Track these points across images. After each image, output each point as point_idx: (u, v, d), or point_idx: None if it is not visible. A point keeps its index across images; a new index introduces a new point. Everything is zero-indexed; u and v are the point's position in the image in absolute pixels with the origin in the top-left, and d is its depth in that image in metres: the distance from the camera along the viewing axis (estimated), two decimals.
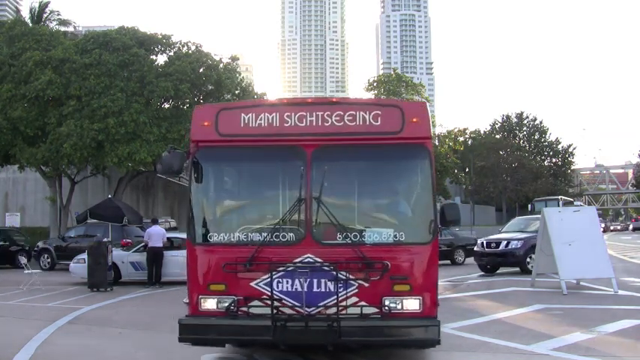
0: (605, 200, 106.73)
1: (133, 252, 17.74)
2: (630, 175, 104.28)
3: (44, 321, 10.67)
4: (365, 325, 6.35)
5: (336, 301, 6.33)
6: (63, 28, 36.15)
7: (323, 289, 6.43)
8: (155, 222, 18.57)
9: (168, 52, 28.57)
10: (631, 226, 78.84)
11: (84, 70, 25.59)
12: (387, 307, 6.39)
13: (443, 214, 6.93)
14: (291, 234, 6.66)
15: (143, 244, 17.66)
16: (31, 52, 26.01)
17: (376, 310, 6.40)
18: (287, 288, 6.45)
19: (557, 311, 11.20)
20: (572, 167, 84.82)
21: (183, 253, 17.07)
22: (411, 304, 6.46)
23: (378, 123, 6.76)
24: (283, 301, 6.41)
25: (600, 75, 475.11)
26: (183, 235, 19.08)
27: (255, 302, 6.47)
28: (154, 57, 28.04)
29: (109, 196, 23.27)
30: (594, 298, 13.01)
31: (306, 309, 6.37)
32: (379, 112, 6.81)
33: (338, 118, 6.79)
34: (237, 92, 28.79)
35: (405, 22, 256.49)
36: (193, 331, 6.59)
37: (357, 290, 6.44)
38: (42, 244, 24.59)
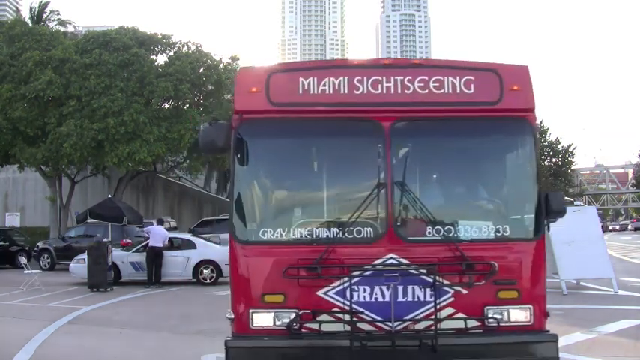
0: (605, 200, 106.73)
1: (133, 252, 17.77)
2: (630, 175, 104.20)
3: (44, 321, 10.67)
4: (469, 342, 5.13)
5: (429, 312, 5.13)
6: (63, 28, 36.14)
7: (410, 298, 5.18)
8: (160, 222, 18.63)
9: (168, 52, 28.56)
10: (630, 226, 79.02)
11: (84, 70, 25.59)
12: (491, 319, 5.19)
13: (548, 204, 5.58)
14: (368, 229, 5.36)
15: (142, 244, 17.69)
16: (31, 52, 26.00)
17: (477, 322, 5.20)
18: (365, 297, 5.18)
19: (558, 311, 11.19)
20: (572, 167, 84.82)
21: (184, 253, 17.55)
22: (519, 315, 5.27)
23: (471, 91, 5.54)
24: (361, 315, 5.14)
25: (600, 75, 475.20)
26: (183, 235, 19.33)
27: (324, 316, 5.17)
28: (154, 57, 28.02)
29: (109, 196, 23.28)
30: (594, 298, 13.02)
31: (390, 324, 5.10)
32: (472, 78, 5.57)
33: (422, 85, 5.53)
34: None
35: (405, 22, 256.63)
36: (247, 356, 5.21)
37: (452, 298, 5.22)
38: (42, 244, 24.60)
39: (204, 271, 17.30)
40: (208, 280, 17.11)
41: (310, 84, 5.52)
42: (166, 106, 27.93)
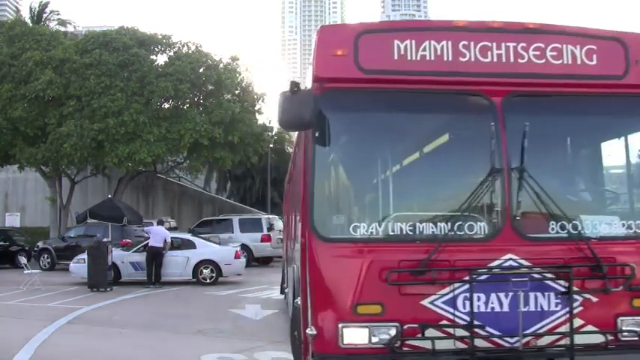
0: None
1: (133, 252, 17.77)
2: None
3: (44, 321, 10.67)
4: None
5: (555, 325, 4.38)
6: (63, 28, 36.13)
7: (533, 308, 4.36)
8: (161, 222, 18.65)
9: (168, 52, 28.53)
10: None
11: (84, 70, 25.58)
12: (628, 332, 4.42)
13: None
14: (482, 224, 4.53)
15: (142, 244, 17.71)
16: (31, 52, 25.99)
17: (610, 336, 4.42)
18: (479, 307, 4.34)
19: None
20: None
21: (183, 253, 17.56)
22: None
23: (593, 62, 4.75)
24: (478, 329, 4.33)
25: None
26: (183, 235, 19.32)
27: (430, 331, 4.32)
28: (154, 57, 27.99)
29: (109, 196, 23.28)
30: None
31: (509, 339, 4.31)
32: (594, 47, 4.78)
33: (537, 53, 4.72)
34: (237, 92, 28.78)
35: None
36: None
37: (581, 308, 4.44)
38: (42, 244, 24.59)
39: (204, 271, 17.30)
40: (208, 280, 17.11)
41: (407, 48, 4.60)
42: (166, 106, 27.92)
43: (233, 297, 14.42)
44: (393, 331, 4.28)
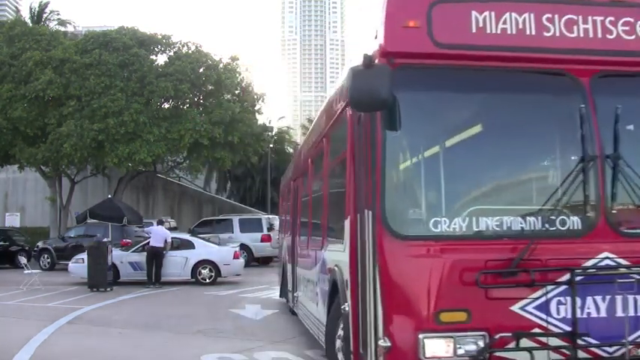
0: None
1: (132, 252, 17.76)
2: None
3: (44, 321, 10.67)
4: None
5: None
6: (63, 28, 36.14)
7: (633, 313, 3.89)
8: (161, 223, 18.64)
9: (168, 52, 28.56)
10: None
11: (84, 70, 25.59)
12: None
13: None
14: (574, 219, 4.07)
15: (142, 244, 17.71)
16: (31, 52, 26.01)
17: None
18: (579, 313, 3.89)
19: None
20: None
21: (182, 253, 17.54)
22: None
23: None
24: (579, 338, 3.88)
25: None
26: (182, 236, 19.31)
27: (524, 341, 3.85)
28: (153, 57, 28.02)
29: (109, 196, 23.29)
30: None
31: (608, 349, 3.87)
32: None
33: (627, 29, 4.25)
34: (237, 92, 28.79)
35: None
36: None
37: None
38: (42, 244, 24.59)
39: (203, 271, 17.27)
40: (207, 280, 17.12)
41: (487, 20, 4.16)
42: (166, 106, 27.94)
43: (233, 297, 14.42)
44: (480, 342, 3.79)
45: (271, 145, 39.51)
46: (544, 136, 4.45)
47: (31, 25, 32.17)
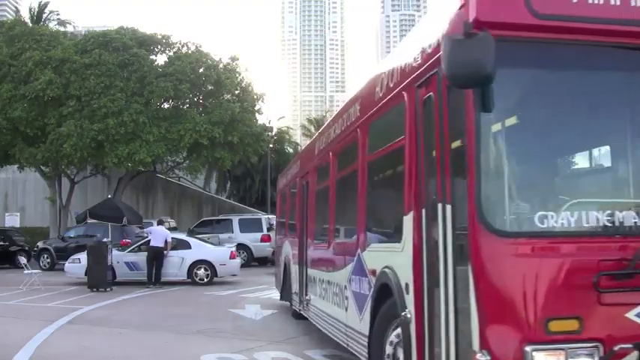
0: None
1: (128, 252, 17.74)
2: None
3: (44, 321, 10.67)
4: None
5: None
6: (62, 29, 36.16)
7: None
8: (161, 223, 18.64)
9: (168, 52, 28.57)
10: None
11: (84, 70, 25.60)
12: None
13: None
14: None
15: (138, 244, 17.72)
16: (31, 52, 26.02)
17: None
18: None
19: None
20: None
21: (178, 253, 17.52)
22: None
23: None
24: None
25: None
26: (178, 236, 19.30)
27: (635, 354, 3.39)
28: (153, 57, 28.03)
29: (109, 196, 23.30)
30: None
31: None
32: None
33: None
34: (237, 92, 28.80)
35: (404, 22, 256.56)
36: None
37: None
38: (42, 244, 24.60)
39: (199, 271, 17.27)
40: (204, 280, 17.11)
41: None
42: (166, 106, 27.96)
43: (233, 297, 14.42)
44: (595, 355, 3.32)
45: (271, 145, 39.51)
46: None
47: (30, 25, 32.16)
